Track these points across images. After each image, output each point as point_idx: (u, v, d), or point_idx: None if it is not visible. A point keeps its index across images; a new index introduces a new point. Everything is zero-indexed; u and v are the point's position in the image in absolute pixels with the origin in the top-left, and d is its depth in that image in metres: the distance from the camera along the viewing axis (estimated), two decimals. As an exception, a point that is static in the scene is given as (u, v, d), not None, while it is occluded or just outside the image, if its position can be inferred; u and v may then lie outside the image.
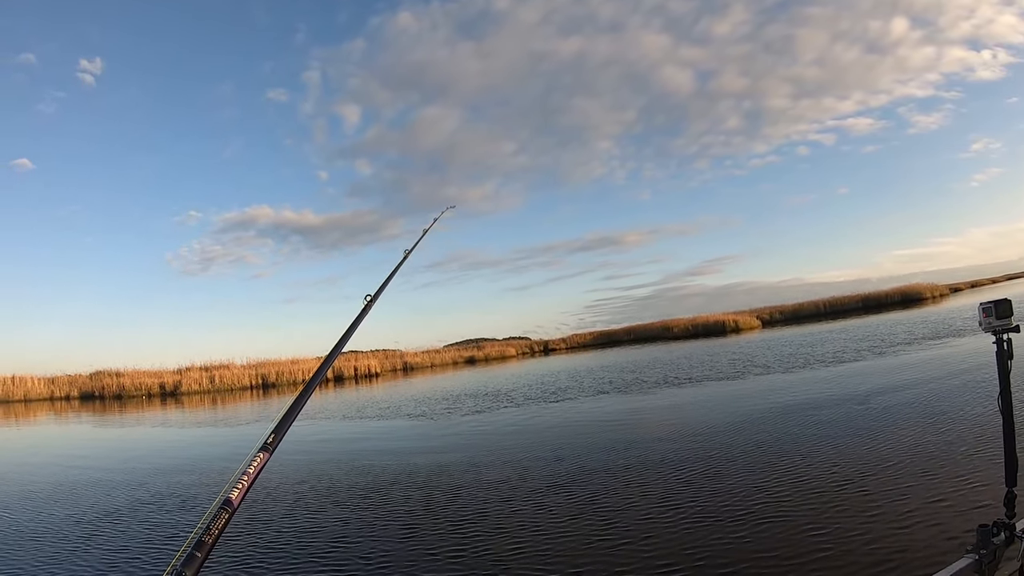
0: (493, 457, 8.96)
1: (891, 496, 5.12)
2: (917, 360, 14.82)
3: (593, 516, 5.67)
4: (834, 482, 5.74)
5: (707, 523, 5.09)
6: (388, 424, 15.07)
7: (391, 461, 9.44)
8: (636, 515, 5.54)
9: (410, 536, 5.64)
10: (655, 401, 14.13)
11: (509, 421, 13.26)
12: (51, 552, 6.07)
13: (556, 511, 5.93)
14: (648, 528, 5.15)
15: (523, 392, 19.21)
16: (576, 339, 64.15)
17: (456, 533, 5.54)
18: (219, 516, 0.74)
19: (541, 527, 5.46)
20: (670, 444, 8.51)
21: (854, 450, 6.87)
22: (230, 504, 0.76)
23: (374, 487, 7.76)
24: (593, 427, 11.22)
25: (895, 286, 59.79)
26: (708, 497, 5.81)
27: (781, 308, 60.55)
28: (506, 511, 6.11)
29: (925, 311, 39.13)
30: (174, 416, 23.87)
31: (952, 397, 9.22)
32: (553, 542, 5.05)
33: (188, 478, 9.52)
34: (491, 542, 5.22)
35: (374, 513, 6.57)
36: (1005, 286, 64.99)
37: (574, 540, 5.06)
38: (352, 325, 1.29)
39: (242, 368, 43.62)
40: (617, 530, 5.17)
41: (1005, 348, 2.93)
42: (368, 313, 1.36)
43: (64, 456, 13.75)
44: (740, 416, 10.22)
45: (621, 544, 4.84)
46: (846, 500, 5.18)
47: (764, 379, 15.48)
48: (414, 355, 52.63)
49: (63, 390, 41.10)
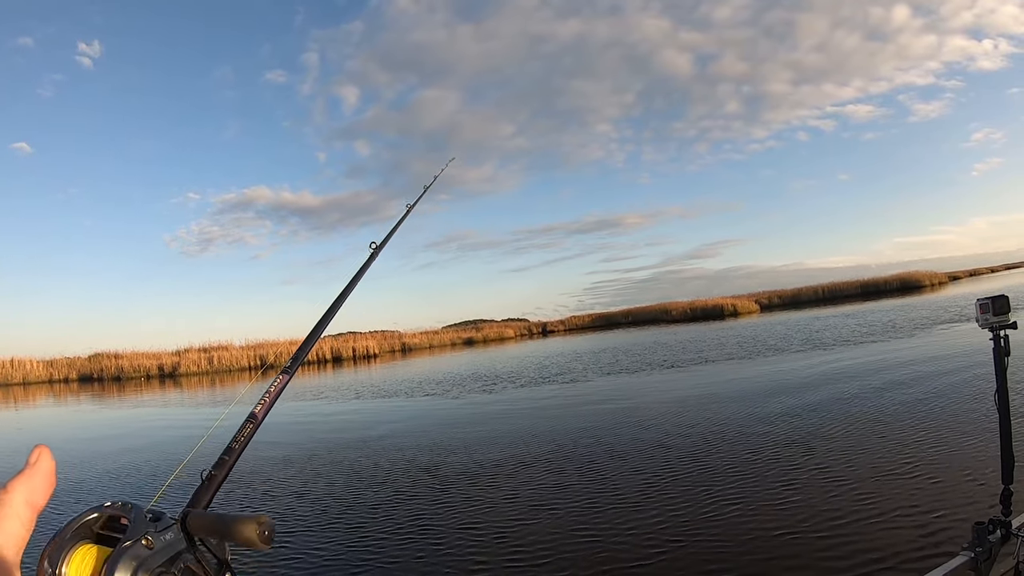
0: (507, 437, 8.99)
1: (885, 492, 5.11)
2: (913, 350, 14.85)
3: (606, 499, 5.69)
4: (826, 477, 5.72)
5: (699, 515, 5.10)
6: (389, 404, 15.10)
7: (391, 443, 9.47)
8: (616, 499, 5.56)
9: (423, 514, 5.67)
10: (649, 383, 14.16)
11: (522, 404, 13.31)
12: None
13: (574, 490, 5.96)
14: (632, 517, 5.16)
15: (530, 375, 19.23)
16: (575, 321, 64.37)
17: (468, 509, 5.58)
18: (245, 427, 0.84)
19: (557, 505, 5.49)
20: (645, 433, 8.53)
21: (847, 445, 6.85)
22: (255, 417, 0.87)
23: (379, 469, 7.78)
24: (597, 409, 11.25)
25: (894, 273, 60.05)
26: (694, 488, 5.81)
27: (780, 293, 60.71)
28: (517, 490, 6.14)
29: (923, 299, 39.19)
30: (173, 397, 23.95)
31: (947, 391, 9.19)
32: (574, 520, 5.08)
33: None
34: (507, 520, 5.25)
35: (379, 492, 6.60)
36: (1005, 275, 65.09)
37: (600, 520, 5.08)
38: (358, 273, 1.36)
39: (240, 349, 43.80)
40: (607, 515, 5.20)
41: (1002, 345, 2.91)
42: (374, 261, 1.43)
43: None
44: (731, 405, 10.26)
45: (621, 528, 4.86)
46: (839, 496, 5.17)
47: (760, 366, 15.51)
48: (413, 336, 52.82)
49: (62, 373, 41.22)
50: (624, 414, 10.47)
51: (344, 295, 1.31)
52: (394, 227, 1.60)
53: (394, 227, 1.60)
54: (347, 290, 1.32)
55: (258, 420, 0.88)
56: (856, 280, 60.56)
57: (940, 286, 56.50)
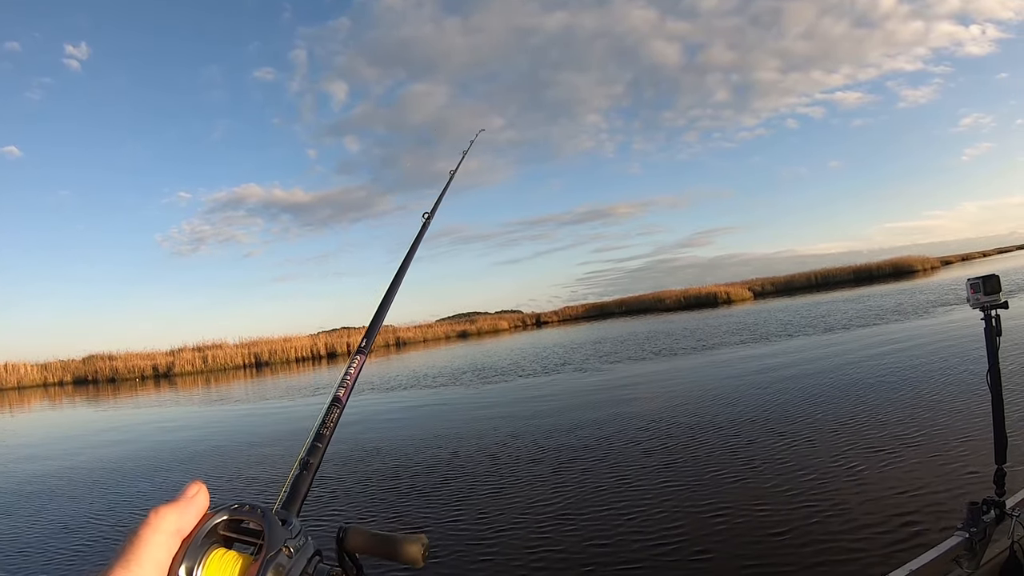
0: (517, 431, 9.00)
1: (879, 474, 5.14)
2: (904, 333, 14.94)
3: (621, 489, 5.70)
4: (820, 461, 5.74)
5: (693, 504, 5.12)
6: (392, 396, 15.08)
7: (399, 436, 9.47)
8: (601, 496, 5.57)
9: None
10: (642, 372, 14.20)
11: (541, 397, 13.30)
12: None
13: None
14: (623, 516, 5.17)
15: (530, 366, 19.24)
16: (568, 311, 64.47)
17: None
18: (331, 411, 0.84)
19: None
20: (634, 422, 8.55)
21: (839, 428, 6.87)
22: (339, 401, 0.86)
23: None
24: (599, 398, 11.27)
25: (887, 258, 60.33)
26: (684, 477, 5.83)
27: (773, 280, 60.89)
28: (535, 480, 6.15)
29: (917, 283, 39.40)
30: (168, 396, 23.86)
31: (940, 373, 9.26)
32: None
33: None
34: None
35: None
36: (996, 259, 65.50)
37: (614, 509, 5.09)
38: (415, 242, 1.40)
39: (235, 347, 43.67)
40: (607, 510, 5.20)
41: (993, 324, 2.91)
42: (427, 230, 1.49)
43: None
44: (723, 394, 10.30)
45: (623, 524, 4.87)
46: (832, 479, 5.19)
47: (751, 352, 15.56)
48: (406, 330, 52.70)
49: (56, 376, 40.96)
50: (606, 406, 10.48)
51: (405, 264, 1.32)
52: (440, 195, 1.68)
53: (440, 195, 1.68)
54: (407, 259, 1.34)
55: (342, 403, 0.88)
56: (849, 266, 60.86)
57: (933, 271, 56.81)
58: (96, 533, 6.24)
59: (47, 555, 5.69)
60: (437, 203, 1.61)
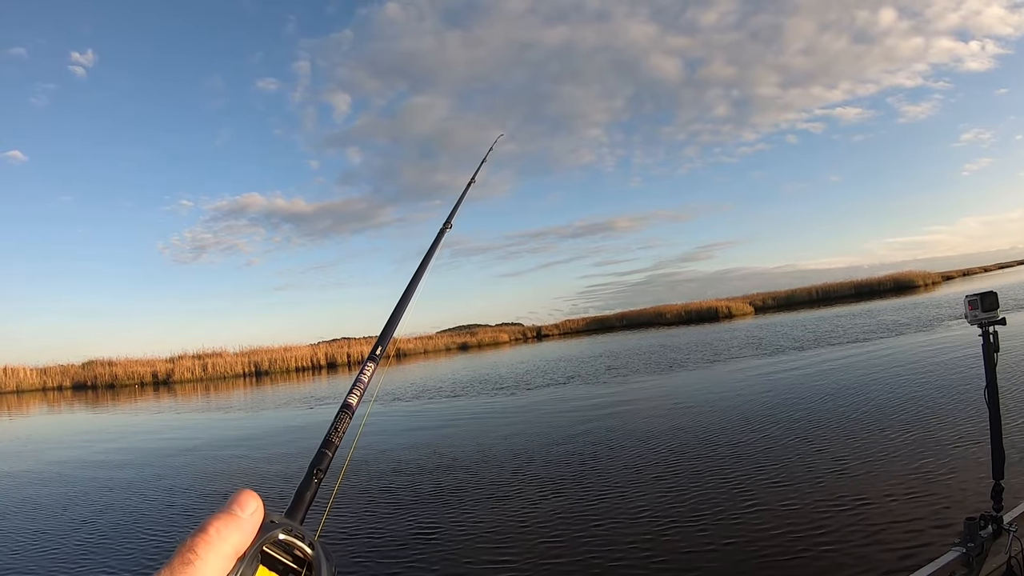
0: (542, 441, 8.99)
1: (878, 489, 5.14)
2: (904, 349, 14.92)
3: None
4: (818, 476, 5.75)
5: (692, 518, 5.11)
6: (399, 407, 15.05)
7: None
8: (597, 501, 5.57)
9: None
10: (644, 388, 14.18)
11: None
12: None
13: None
14: (624, 526, 5.17)
15: (533, 380, 19.20)
16: (569, 324, 64.27)
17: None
18: (342, 419, 0.82)
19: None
20: (638, 433, 8.54)
21: (839, 443, 6.88)
22: (349, 408, 0.84)
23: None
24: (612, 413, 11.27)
25: (887, 273, 60.27)
26: (691, 493, 5.84)
27: (774, 294, 60.79)
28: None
29: (917, 298, 39.37)
30: (167, 403, 23.80)
31: (938, 388, 9.27)
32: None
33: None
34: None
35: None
36: (998, 274, 65.41)
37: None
38: (431, 248, 1.39)
39: (234, 356, 43.58)
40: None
41: (991, 341, 2.93)
42: (443, 239, 1.49)
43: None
44: (725, 407, 10.29)
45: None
46: (831, 494, 5.19)
47: (752, 367, 15.53)
48: (407, 341, 52.44)
49: (56, 380, 40.91)
50: (616, 419, 10.47)
51: (421, 270, 1.30)
52: (457, 201, 1.68)
53: (457, 201, 1.68)
54: (422, 267, 1.32)
55: (353, 410, 0.87)
56: (850, 281, 60.81)
57: (934, 286, 56.74)
58: (96, 534, 6.24)
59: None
60: (453, 211, 1.60)
